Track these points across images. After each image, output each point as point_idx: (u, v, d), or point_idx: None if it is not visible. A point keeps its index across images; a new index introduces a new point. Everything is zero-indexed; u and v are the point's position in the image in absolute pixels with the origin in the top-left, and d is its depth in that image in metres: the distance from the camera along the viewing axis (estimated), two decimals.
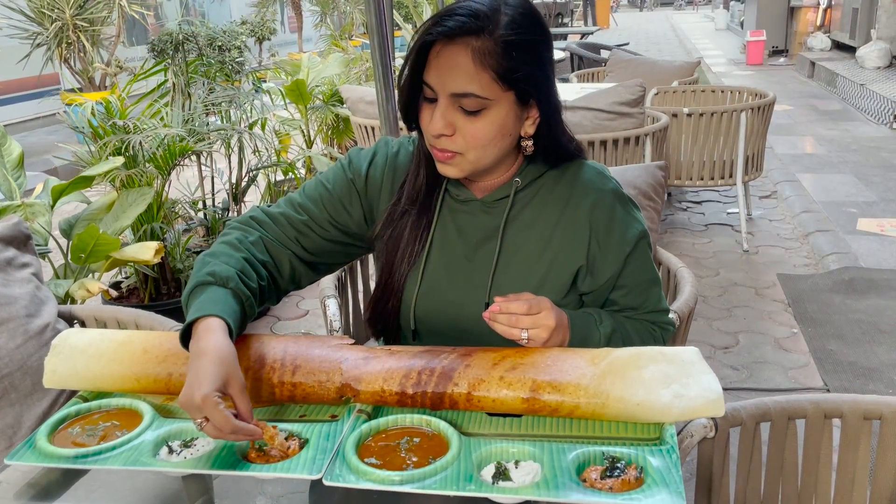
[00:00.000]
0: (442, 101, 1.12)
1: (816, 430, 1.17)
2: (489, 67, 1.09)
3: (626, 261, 1.24)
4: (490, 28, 1.09)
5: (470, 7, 1.10)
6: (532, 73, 1.13)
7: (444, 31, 1.09)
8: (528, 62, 1.12)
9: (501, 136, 1.16)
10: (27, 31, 6.63)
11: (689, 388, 1.04)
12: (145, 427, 1.08)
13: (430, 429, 1.06)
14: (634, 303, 1.29)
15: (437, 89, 1.12)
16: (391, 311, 1.31)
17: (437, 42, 1.11)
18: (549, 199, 1.25)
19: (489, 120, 1.13)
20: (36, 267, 1.62)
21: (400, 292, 1.29)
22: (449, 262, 1.27)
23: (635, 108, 3.37)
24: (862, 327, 3.12)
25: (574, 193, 1.24)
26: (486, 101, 1.11)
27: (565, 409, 1.05)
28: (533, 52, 1.13)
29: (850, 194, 4.84)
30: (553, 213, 1.24)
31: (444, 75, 1.11)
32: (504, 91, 1.12)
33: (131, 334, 1.23)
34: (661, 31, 20.20)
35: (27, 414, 1.46)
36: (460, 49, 1.09)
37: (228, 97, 3.14)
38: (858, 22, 9.33)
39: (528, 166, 1.25)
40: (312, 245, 1.30)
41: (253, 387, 1.13)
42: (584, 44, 8.41)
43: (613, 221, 1.23)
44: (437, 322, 1.29)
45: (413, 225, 1.27)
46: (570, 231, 1.24)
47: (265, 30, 10.36)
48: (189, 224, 3.39)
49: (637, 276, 1.27)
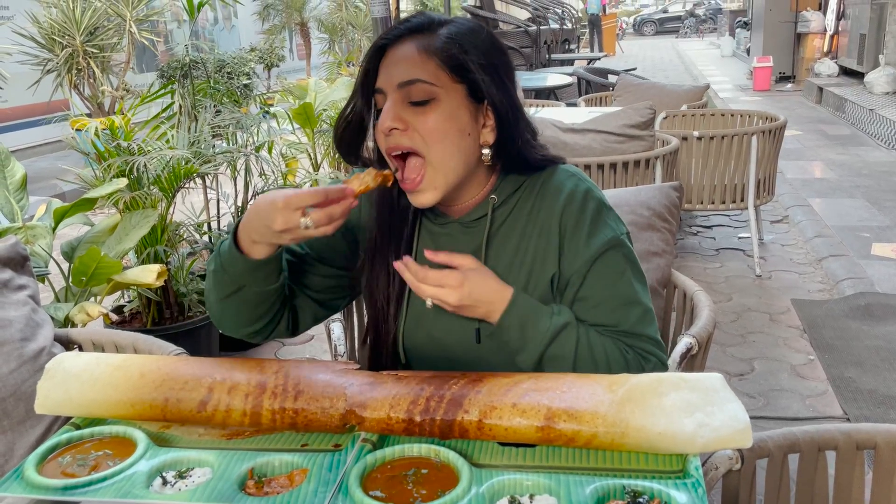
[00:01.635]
0: (391, 96, 1.13)
1: (848, 461, 1.10)
2: (434, 55, 1.12)
3: (590, 267, 1.16)
4: (433, 27, 1.15)
5: (418, 16, 1.17)
6: (481, 68, 1.13)
7: (392, 36, 1.15)
8: (474, 57, 1.13)
9: (458, 133, 1.13)
10: (38, 58, 6.66)
11: (713, 416, 0.97)
12: (139, 457, 1.03)
13: (439, 459, 1.00)
14: (603, 320, 1.17)
15: (385, 87, 1.13)
16: (382, 345, 1.27)
17: (386, 49, 1.15)
18: (524, 210, 1.21)
19: (439, 111, 1.12)
20: (33, 289, 1.58)
21: (387, 326, 1.25)
22: None
23: (645, 130, 3.33)
24: (881, 354, 3.04)
25: (546, 199, 1.21)
26: (434, 89, 1.11)
27: (582, 438, 0.99)
28: (480, 51, 1.14)
29: (863, 219, 4.78)
30: (528, 224, 1.21)
31: (391, 69, 1.13)
32: (453, 83, 1.13)
33: (127, 358, 1.18)
34: (667, 57, 20.28)
35: (20, 441, 1.40)
36: (406, 44, 1.14)
37: (235, 120, 3.11)
38: (866, 48, 9.32)
39: (502, 182, 1.22)
40: (312, 283, 1.28)
41: (253, 413, 1.08)
42: (592, 69, 8.41)
43: (581, 222, 1.18)
44: (426, 352, 1.25)
45: (393, 256, 1.22)
46: (543, 239, 1.20)
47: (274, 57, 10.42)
48: (194, 247, 3.35)
49: (605, 290, 1.17)
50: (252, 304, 1.20)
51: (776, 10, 11.81)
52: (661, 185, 1.88)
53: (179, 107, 3.14)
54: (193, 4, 3.19)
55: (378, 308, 1.27)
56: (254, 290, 1.18)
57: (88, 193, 2.35)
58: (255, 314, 1.22)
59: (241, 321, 1.23)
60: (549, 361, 1.14)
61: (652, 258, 1.81)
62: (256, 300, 1.19)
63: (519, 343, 1.14)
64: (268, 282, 1.18)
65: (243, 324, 1.24)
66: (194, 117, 3.12)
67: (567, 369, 1.14)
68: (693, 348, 1.43)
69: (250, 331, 1.25)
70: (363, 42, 11.57)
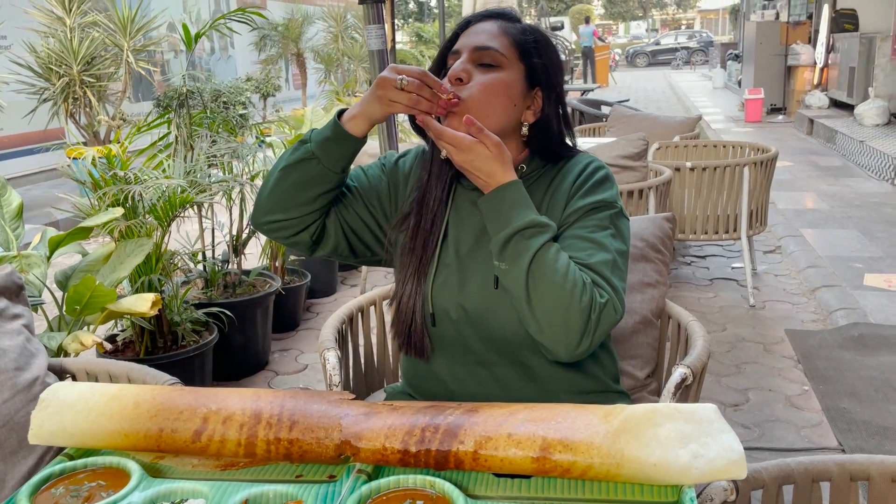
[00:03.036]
0: (465, 55, 1.30)
1: (842, 493, 1.11)
2: (510, 35, 1.32)
3: (581, 215, 1.29)
4: (514, 18, 1.36)
5: (501, 7, 1.39)
6: (543, 59, 1.33)
7: (477, 16, 1.36)
8: (540, 50, 1.34)
9: (507, 97, 1.30)
10: (34, 87, 6.70)
11: (708, 447, 0.98)
12: (132, 488, 1.02)
13: (434, 491, 1.00)
14: (572, 254, 1.24)
15: (462, 48, 1.32)
16: (416, 302, 1.35)
17: (468, 26, 1.35)
18: (545, 182, 1.37)
19: (500, 77, 1.29)
20: (28, 318, 1.57)
21: (419, 275, 1.35)
22: (459, 243, 1.35)
23: (638, 161, 3.37)
24: (875, 385, 3.05)
25: (566, 175, 1.36)
26: (502, 59, 1.30)
27: (577, 469, 0.99)
28: (546, 49, 1.35)
29: (856, 249, 4.81)
30: (547, 193, 1.35)
31: (471, 37, 1.32)
32: (518, 61, 1.32)
33: (122, 388, 1.17)
34: (659, 88, 20.50)
35: (11, 472, 1.39)
36: (489, 21, 1.34)
37: (231, 149, 3.13)
38: (856, 80, 9.45)
39: (530, 159, 1.38)
40: (348, 215, 1.40)
41: (248, 444, 1.08)
42: (585, 100, 8.50)
43: (587, 181, 1.33)
44: (449, 302, 1.32)
45: (431, 213, 1.37)
46: (558, 204, 1.33)
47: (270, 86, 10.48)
48: (188, 276, 3.35)
49: (584, 231, 1.27)
50: (308, 183, 1.31)
51: (766, 44, 11.98)
52: (653, 217, 1.89)
53: (175, 137, 3.16)
54: (191, 35, 3.23)
55: (415, 254, 1.36)
56: (321, 167, 1.30)
57: (84, 222, 2.35)
58: (302, 197, 1.32)
59: (287, 197, 1.33)
60: (513, 246, 1.21)
61: (646, 289, 1.82)
62: (314, 181, 1.31)
63: (495, 218, 1.23)
64: (336, 165, 1.31)
65: (286, 202, 1.33)
66: (190, 147, 3.14)
67: (524, 264, 1.19)
68: (688, 378, 1.43)
69: (285, 217, 1.34)
70: (359, 72, 11.67)
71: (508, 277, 1.22)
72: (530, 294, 1.19)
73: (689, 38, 35.42)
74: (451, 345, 1.35)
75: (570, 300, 1.17)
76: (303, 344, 3.74)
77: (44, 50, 6.63)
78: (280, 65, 12.75)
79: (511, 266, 1.21)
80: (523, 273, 1.19)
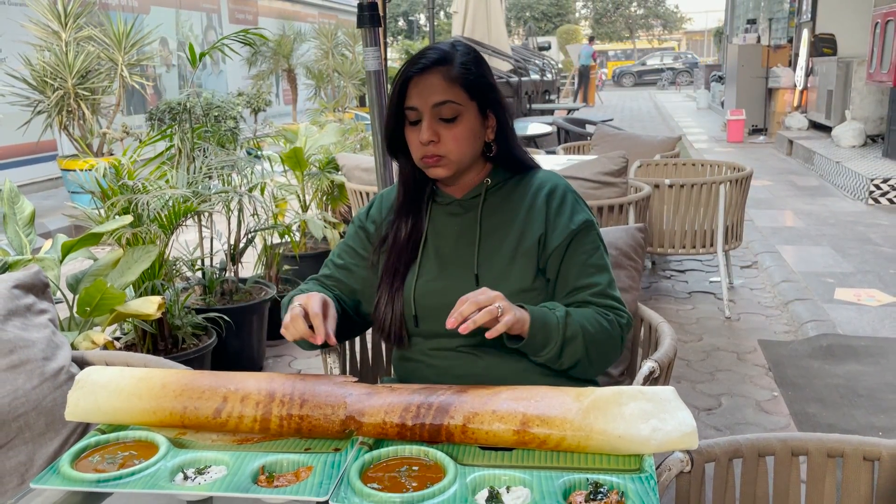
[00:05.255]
0: (426, 114, 1.45)
1: (784, 466, 1.26)
2: (457, 82, 1.46)
3: (572, 238, 1.49)
4: (450, 59, 1.47)
5: (433, 50, 1.49)
6: (486, 88, 1.50)
7: (419, 68, 1.46)
8: (481, 80, 1.49)
9: (474, 138, 1.49)
10: (29, 99, 6.81)
11: (666, 422, 1.13)
12: (161, 456, 1.16)
13: (428, 458, 1.14)
14: (584, 282, 1.48)
15: (420, 107, 1.46)
16: (395, 300, 1.53)
17: (413, 77, 1.46)
18: (514, 194, 1.56)
19: (463, 125, 1.47)
20: (52, 314, 1.71)
21: (402, 283, 1.53)
22: (439, 249, 1.54)
23: (619, 178, 3.54)
24: (840, 391, 3.21)
25: (533, 188, 1.56)
26: (459, 108, 1.46)
27: (552, 441, 1.14)
28: (483, 74, 1.50)
29: (828, 265, 5.00)
30: (514, 203, 1.54)
31: (425, 94, 1.45)
32: (470, 101, 1.47)
33: (150, 371, 1.31)
34: (644, 108, 20.82)
35: (39, 452, 1.52)
36: (433, 75, 1.46)
37: (231, 162, 3.28)
38: (833, 103, 9.71)
39: (494, 172, 1.56)
40: (356, 281, 1.62)
41: (263, 420, 1.22)
42: (570, 119, 8.70)
43: (564, 205, 1.53)
44: (433, 302, 1.49)
45: (409, 229, 1.56)
46: (531, 212, 1.53)
47: (260, 101, 10.65)
48: (188, 283, 3.48)
49: (585, 257, 1.49)
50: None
51: (748, 66, 12.27)
52: (627, 227, 2.05)
53: (178, 149, 3.30)
54: (196, 54, 3.38)
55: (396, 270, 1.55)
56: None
57: (95, 229, 2.49)
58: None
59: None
60: (568, 342, 1.39)
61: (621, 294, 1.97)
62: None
63: (544, 340, 1.38)
64: None
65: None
66: (192, 158, 3.28)
67: (581, 346, 1.40)
68: (655, 372, 1.59)
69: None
70: (349, 89, 11.86)
71: (568, 360, 1.43)
72: (591, 361, 1.44)
73: (675, 59, 35.94)
74: (435, 339, 1.52)
75: (610, 339, 1.45)
76: (296, 350, 3.87)
77: (39, 63, 6.75)
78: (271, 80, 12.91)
79: (569, 357, 1.42)
80: (582, 350, 1.41)
